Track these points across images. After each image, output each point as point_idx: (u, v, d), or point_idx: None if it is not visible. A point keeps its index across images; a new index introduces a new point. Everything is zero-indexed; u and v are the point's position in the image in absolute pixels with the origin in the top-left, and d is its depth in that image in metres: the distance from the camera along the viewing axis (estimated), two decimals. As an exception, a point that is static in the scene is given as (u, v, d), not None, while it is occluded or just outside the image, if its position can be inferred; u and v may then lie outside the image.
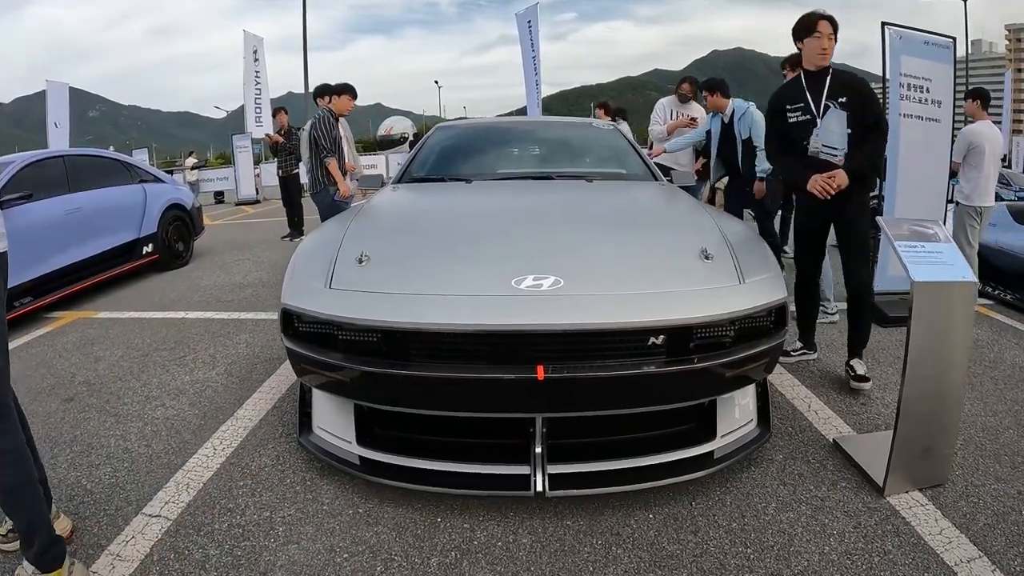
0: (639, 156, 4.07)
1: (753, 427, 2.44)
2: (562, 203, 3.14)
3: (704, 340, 2.11)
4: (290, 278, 2.39)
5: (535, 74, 12.04)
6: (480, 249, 2.46)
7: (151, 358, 3.97)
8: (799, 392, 3.17)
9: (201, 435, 2.87)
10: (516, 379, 1.95)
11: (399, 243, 2.59)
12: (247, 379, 3.51)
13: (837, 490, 2.30)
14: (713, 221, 2.72)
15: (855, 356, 3.29)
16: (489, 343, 2.04)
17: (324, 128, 5.26)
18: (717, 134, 5.31)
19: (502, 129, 4.80)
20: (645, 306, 2.06)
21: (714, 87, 5.21)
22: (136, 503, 2.36)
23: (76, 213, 5.64)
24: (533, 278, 2.11)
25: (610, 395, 2.06)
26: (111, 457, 2.73)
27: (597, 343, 2.04)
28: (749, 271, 2.27)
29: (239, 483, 2.45)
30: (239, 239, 9.23)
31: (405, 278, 2.22)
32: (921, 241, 2.22)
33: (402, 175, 3.93)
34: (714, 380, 2.12)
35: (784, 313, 2.25)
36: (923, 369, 2.16)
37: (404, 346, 2.06)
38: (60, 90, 13.74)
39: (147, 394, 3.39)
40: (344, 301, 2.13)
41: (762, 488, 2.30)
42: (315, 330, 2.19)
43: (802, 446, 2.62)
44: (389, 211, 3.27)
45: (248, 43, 14.86)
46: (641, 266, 2.30)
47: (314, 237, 2.85)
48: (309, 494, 2.34)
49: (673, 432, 2.30)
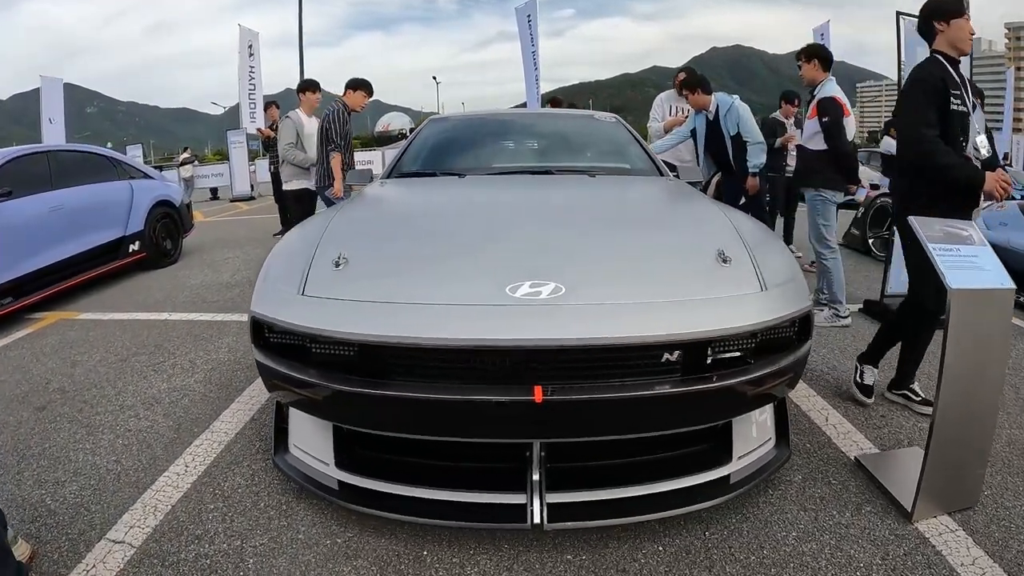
0: (643, 150, 3.82)
1: (771, 446, 2.22)
2: (562, 200, 2.89)
3: (723, 355, 1.88)
4: (262, 282, 2.16)
5: (535, 69, 11.83)
6: (471, 251, 2.22)
7: (129, 363, 3.78)
8: (815, 403, 2.97)
9: (173, 450, 2.68)
10: (510, 402, 1.72)
11: (381, 244, 2.35)
12: (226, 387, 3.31)
13: (862, 515, 2.10)
14: (727, 218, 2.48)
15: (911, 379, 2.98)
16: (478, 360, 1.79)
17: (337, 122, 5.09)
18: (703, 132, 5.15)
19: (498, 121, 4.52)
20: (658, 317, 1.82)
21: (693, 85, 5.06)
22: (100, 527, 2.18)
23: (59, 210, 5.45)
24: (530, 285, 1.87)
25: (617, 419, 1.83)
26: (78, 473, 2.54)
27: (603, 360, 1.80)
28: (771, 275, 2.03)
29: (209, 506, 2.25)
30: (231, 236, 9.03)
31: (385, 284, 1.98)
32: (956, 244, 2.02)
33: (392, 170, 3.67)
34: (734, 400, 1.89)
35: (809, 323, 2.03)
36: (960, 383, 1.97)
37: (382, 362, 1.83)
38: (54, 85, 13.55)
39: (121, 403, 3.21)
40: (317, 310, 1.90)
41: (781, 514, 2.10)
42: (286, 342, 1.97)
43: (822, 465, 2.41)
44: (374, 208, 3.01)
45: (243, 38, 14.67)
46: (652, 270, 2.05)
47: (291, 236, 2.60)
48: (284, 520, 2.13)
49: (685, 454, 2.07)
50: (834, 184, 4.20)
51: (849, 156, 4.22)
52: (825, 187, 4.18)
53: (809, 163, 4.27)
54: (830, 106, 4.04)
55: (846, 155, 4.16)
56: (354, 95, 5.29)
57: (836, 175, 4.17)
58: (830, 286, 4.21)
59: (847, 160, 4.18)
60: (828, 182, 4.18)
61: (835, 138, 4.05)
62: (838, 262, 4.22)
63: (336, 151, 5.04)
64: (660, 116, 5.85)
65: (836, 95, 4.08)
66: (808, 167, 4.29)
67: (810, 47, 4.33)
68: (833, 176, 4.17)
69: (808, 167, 4.29)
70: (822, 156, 4.13)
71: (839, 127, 4.05)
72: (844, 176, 4.22)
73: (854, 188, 4.73)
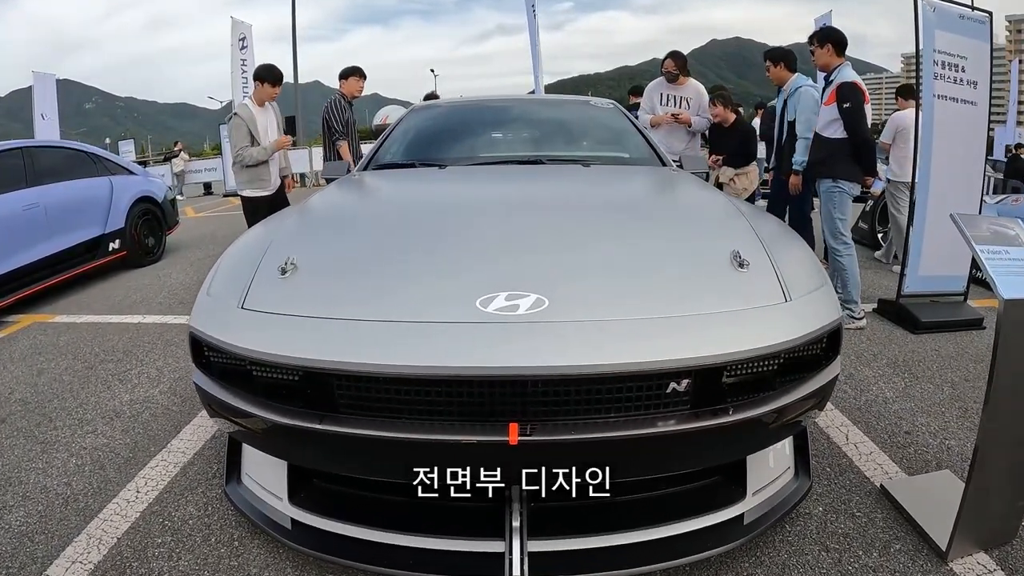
0: (644, 137, 3.49)
1: (791, 477, 1.92)
2: (552, 193, 2.57)
3: (742, 380, 1.57)
4: (204, 291, 1.87)
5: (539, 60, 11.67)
6: (439, 255, 1.88)
7: (95, 371, 3.55)
8: (833, 418, 2.70)
9: (127, 471, 2.45)
10: (479, 443, 1.42)
11: (337, 247, 2.03)
12: (189, 400, 3.06)
13: (890, 555, 1.84)
14: (741, 214, 2.16)
15: None
16: (438, 392, 1.48)
17: (336, 111, 5.20)
18: (779, 115, 4.71)
19: (486, 108, 4.13)
20: (663, 337, 1.50)
21: (777, 57, 4.60)
22: (42, 560, 1.96)
23: (34, 208, 5.21)
24: (506, 297, 1.56)
25: (611, 464, 1.51)
26: (27, 497, 2.32)
27: (594, 392, 1.48)
28: (795, 284, 1.71)
29: (157, 540, 2.01)
30: (219, 233, 8.78)
31: (335, 296, 1.69)
32: (1004, 245, 1.75)
33: (368, 161, 3.34)
34: (754, 434, 1.60)
35: (839, 338, 1.74)
36: (1010, 406, 1.70)
37: (328, 392, 1.53)
38: (47, 81, 13.26)
39: (81, 416, 2.98)
40: (252, 327, 1.61)
41: (800, 556, 1.84)
42: (224, 363, 1.68)
43: (845, 493, 2.15)
44: (336, 204, 2.66)
45: (235, 30, 14.38)
46: (655, 278, 1.74)
47: (243, 237, 2.30)
48: (235, 560, 1.88)
49: (691, 490, 1.77)
50: (852, 175, 3.94)
51: (869, 145, 3.98)
52: (843, 178, 3.91)
53: (826, 152, 3.99)
54: (850, 92, 3.78)
55: (866, 143, 3.91)
56: (348, 83, 5.35)
57: (854, 165, 3.91)
58: (845, 285, 3.94)
59: (867, 149, 3.93)
60: (846, 173, 3.91)
61: (856, 125, 3.79)
62: (853, 259, 3.96)
63: (342, 139, 5.11)
64: (649, 108, 5.37)
65: (856, 80, 3.82)
66: (825, 156, 4.00)
67: (823, 30, 4.06)
68: (851, 167, 3.91)
69: (825, 156, 4.00)
70: (841, 145, 3.87)
71: (860, 114, 3.79)
72: (863, 167, 3.95)
73: (870, 181, 4.45)
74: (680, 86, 5.26)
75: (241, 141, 4.51)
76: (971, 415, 2.72)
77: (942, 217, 4.00)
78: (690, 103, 5.24)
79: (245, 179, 4.66)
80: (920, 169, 4.04)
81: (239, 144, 4.52)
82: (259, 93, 4.64)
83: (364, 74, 5.40)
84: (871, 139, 4.00)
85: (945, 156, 4.08)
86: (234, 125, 4.57)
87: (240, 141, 4.51)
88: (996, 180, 9.88)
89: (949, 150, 4.09)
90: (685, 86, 5.28)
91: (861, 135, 3.83)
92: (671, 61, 5.24)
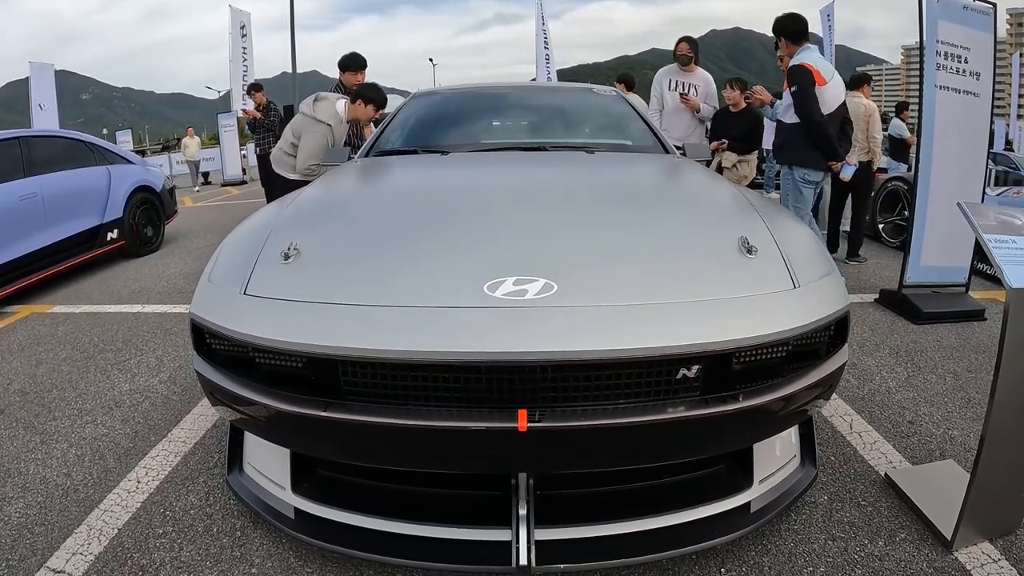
0: (647, 125, 3.47)
1: (796, 466, 1.93)
2: (557, 179, 2.55)
3: (750, 367, 1.56)
4: (205, 278, 1.85)
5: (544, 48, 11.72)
6: (444, 240, 1.85)
7: (94, 361, 3.53)
8: (838, 408, 2.70)
9: (127, 462, 2.43)
10: (486, 430, 1.41)
11: (339, 232, 2.00)
12: (190, 389, 3.04)
13: (896, 544, 1.84)
14: (747, 200, 2.14)
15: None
16: (445, 378, 1.47)
17: None
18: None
19: (488, 94, 4.10)
20: (674, 322, 1.49)
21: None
22: (42, 552, 1.94)
23: (32, 198, 5.17)
24: (514, 282, 1.54)
25: (619, 450, 1.52)
26: (26, 489, 2.30)
27: (604, 377, 1.47)
28: (803, 270, 1.70)
29: (158, 531, 1.99)
30: (217, 222, 8.73)
31: (338, 281, 1.67)
32: (1011, 234, 1.74)
33: (370, 148, 3.29)
34: (763, 422, 1.59)
35: (847, 325, 1.73)
36: (1017, 395, 1.70)
37: (332, 379, 1.52)
38: (45, 71, 13.17)
39: (80, 406, 2.96)
40: (257, 313, 1.59)
41: (807, 544, 1.83)
42: (226, 350, 1.67)
43: (849, 482, 2.15)
44: (340, 190, 2.63)
45: (235, 19, 14.29)
46: (664, 264, 1.72)
47: (246, 222, 2.27)
48: (238, 550, 1.87)
49: (698, 478, 1.77)
50: (810, 161, 3.87)
51: (820, 128, 3.83)
52: (800, 165, 3.87)
53: (784, 137, 3.97)
54: (796, 73, 3.73)
55: (817, 127, 3.80)
56: (343, 76, 5.04)
57: (813, 151, 3.85)
58: None
59: (818, 132, 3.82)
60: (804, 159, 3.87)
61: (804, 108, 3.73)
62: None
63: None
64: (659, 94, 5.29)
65: (805, 62, 3.75)
66: (783, 141, 3.99)
67: (775, 25, 4.02)
68: (808, 152, 3.85)
69: (783, 141, 3.99)
70: (796, 130, 3.83)
71: (806, 96, 3.72)
72: (822, 152, 3.88)
73: (836, 166, 4.23)
74: (690, 73, 5.24)
75: (318, 155, 3.86)
76: (974, 405, 2.72)
77: (944, 208, 3.99)
78: (698, 90, 5.21)
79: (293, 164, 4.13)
80: (922, 160, 4.02)
81: (315, 157, 3.89)
82: (356, 111, 4.14)
83: (364, 64, 5.11)
84: (823, 122, 3.84)
85: (947, 147, 4.06)
86: (321, 132, 4.00)
87: (317, 154, 3.88)
88: (997, 172, 9.84)
89: (951, 141, 4.08)
90: (695, 74, 5.26)
91: (810, 118, 3.76)
92: (685, 44, 5.18)
